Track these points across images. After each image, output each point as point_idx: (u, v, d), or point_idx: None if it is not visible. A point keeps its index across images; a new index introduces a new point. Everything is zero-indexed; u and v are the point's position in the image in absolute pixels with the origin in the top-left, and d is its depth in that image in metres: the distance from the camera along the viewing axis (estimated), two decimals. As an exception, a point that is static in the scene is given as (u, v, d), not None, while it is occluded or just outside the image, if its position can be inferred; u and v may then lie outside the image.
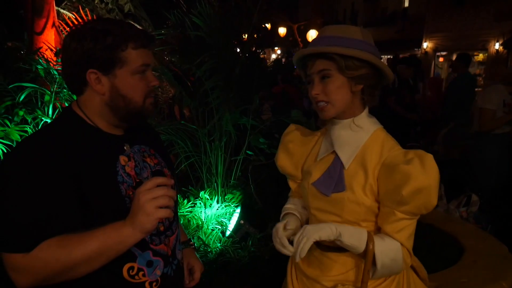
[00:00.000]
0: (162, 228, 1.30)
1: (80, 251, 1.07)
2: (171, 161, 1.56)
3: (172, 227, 1.36)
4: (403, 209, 1.24)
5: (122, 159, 1.23)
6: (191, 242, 1.62)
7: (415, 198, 1.21)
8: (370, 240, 1.28)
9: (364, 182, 1.30)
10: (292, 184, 1.61)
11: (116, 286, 1.21)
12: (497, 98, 3.93)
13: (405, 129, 5.76)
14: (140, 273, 1.22)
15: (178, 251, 1.39)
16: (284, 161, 1.55)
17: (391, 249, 1.28)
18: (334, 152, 1.37)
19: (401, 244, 1.29)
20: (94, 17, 3.62)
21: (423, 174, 1.19)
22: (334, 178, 1.34)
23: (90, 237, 1.08)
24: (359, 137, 1.34)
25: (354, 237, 1.28)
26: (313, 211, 1.42)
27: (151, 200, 1.06)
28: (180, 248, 1.42)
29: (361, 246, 1.28)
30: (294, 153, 1.52)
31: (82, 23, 1.23)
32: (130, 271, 1.21)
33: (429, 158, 1.22)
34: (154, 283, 1.26)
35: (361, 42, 1.28)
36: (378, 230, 1.34)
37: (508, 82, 4.27)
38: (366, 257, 1.28)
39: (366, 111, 1.37)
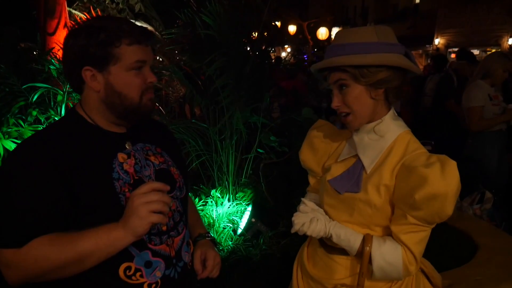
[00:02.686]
0: (164, 228, 1.26)
1: (70, 251, 1.07)
2: (183, 160, 1.54)
3: (178, 227, 1.32)
4: (415, 214, 1.19)
5: (121, 156, 1.22)
6: (208, 234, 1.53)
7: (429, 205, 1.16)
8: (368, 242, 1.25)
9: (379, 181, 1.26)
10: (311, 180, 1.60)
11: (113, 286, 1.18)
12: (481, 94, 3.83)
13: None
14: (138, 274, 1.19)
15: (185, 253, 1.34)
16: (307, 156, 1.54)
17: (389, 252, 1.24)
18: (356, 155, 1.35)
19: (407, 247, 1.23)
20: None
21: (441, 180, 1.14)
22: (352, 179, 1.32)
23: (82, 237, 1.08)
24: (383, 141, 1.30)
25: (344, 239, 1.28)
26: (326, 207, 1.41)
27: (145, 204, 1.06)
28: (188, 250, 1.37)
29: (352, 248, 1.28)
30: (318, 149, 1.50)
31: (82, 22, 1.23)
32: (127, 271, 1.18)
33: (452, 165, 1.16)
34: (154, 285, 1.22)
35: (376, 44, 1.22)
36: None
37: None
38: (362, 259, 1.26)
39: (390, 113, 1.32)
